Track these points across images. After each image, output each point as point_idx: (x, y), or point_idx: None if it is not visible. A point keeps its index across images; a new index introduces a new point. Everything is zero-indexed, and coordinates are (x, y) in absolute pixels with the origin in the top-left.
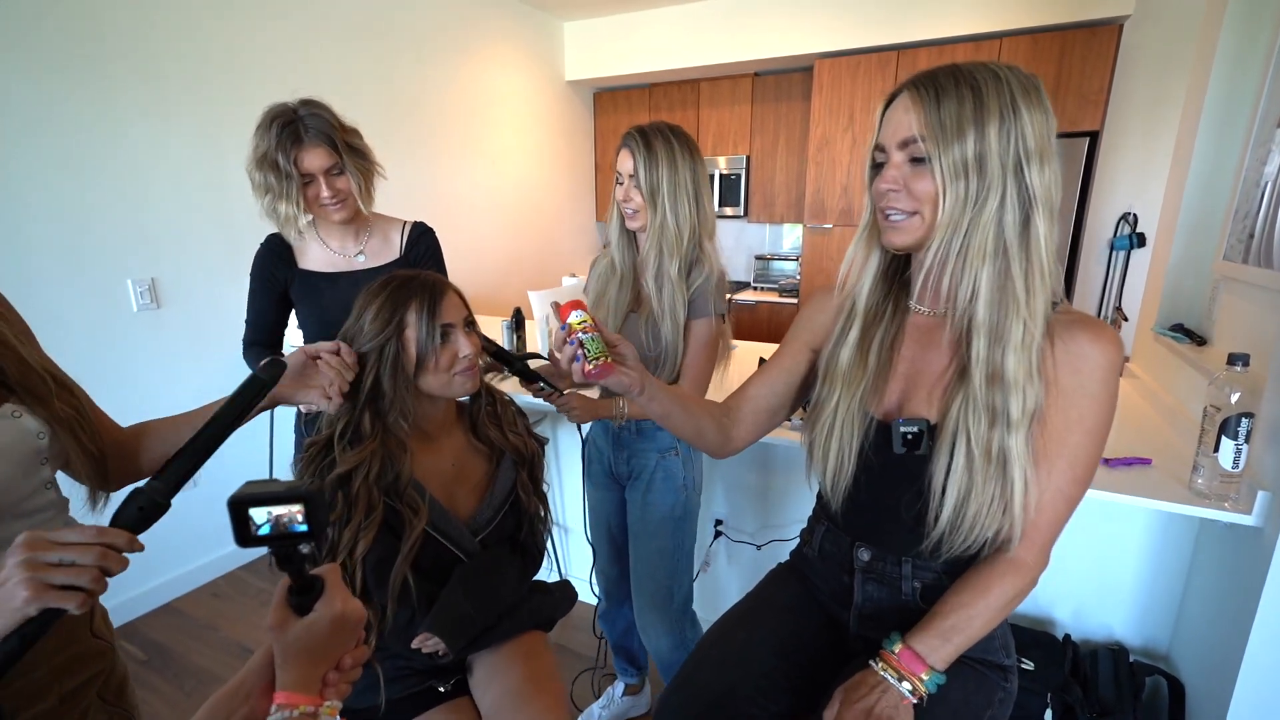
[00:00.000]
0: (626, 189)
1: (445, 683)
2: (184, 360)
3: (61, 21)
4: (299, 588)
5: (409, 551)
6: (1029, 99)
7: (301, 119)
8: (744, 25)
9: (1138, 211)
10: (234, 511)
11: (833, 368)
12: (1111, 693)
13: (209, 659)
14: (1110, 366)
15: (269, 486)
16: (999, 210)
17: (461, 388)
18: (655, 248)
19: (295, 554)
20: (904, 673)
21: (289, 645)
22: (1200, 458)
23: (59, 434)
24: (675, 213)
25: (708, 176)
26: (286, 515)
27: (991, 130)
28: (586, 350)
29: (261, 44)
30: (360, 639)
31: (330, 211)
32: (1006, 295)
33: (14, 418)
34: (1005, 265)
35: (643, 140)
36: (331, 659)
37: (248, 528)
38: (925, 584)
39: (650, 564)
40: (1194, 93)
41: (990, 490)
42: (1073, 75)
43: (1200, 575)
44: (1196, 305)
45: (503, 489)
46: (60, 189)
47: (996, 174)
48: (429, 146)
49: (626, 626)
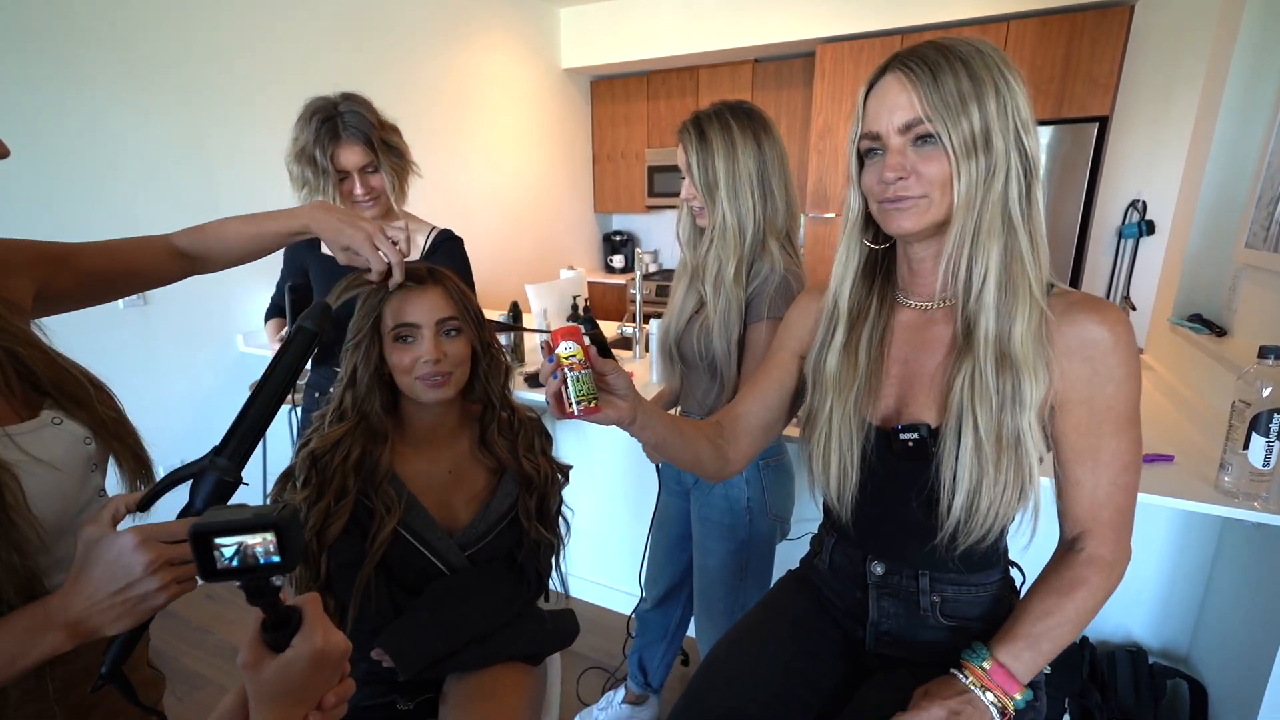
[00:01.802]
0: (686, 185)
1: (410, 700)
2: (171, 358)
3: (40, 14)
4: (274, 622)
5: (376, 550)
6: (1013, 70)
7: (341, 115)
8: (744, 10)
9: (1147, 199)
10: (196, 542)
11: (821, 374)
12: (1131, 696)
13: (202, 663)
14: (1126, 345)
15: (236, 513)
16: (1005, 185)
17: (425, 395)
18: (714, 250)
19: (268, 586)
20: (994, 690)
21: (264, 686)
22: (1228, 455)
23: (103, 439)
24: (736, 208)
25: (782, 160)
26: (257, 544)
27: (991, 104)
28: (572, 388)
29: (250, 36)
30: (344, 673)
31: (363, 208)
32: (1013, 272)
33: (55, 424)
34: (1013, 241)
35: (696, 129)
36: (312, 699)
37: (213, 560)
38: (945, 598)
39: (707, 579)
40: (1214, 74)
41: (1004, 476)
42: (1081, 59)
43: (1224, 575)
44: (1215, 294)
45: (500, 506)
46: (43, 185)
47: (1001, 148)
48: (422, 136)
49: (655, 638)
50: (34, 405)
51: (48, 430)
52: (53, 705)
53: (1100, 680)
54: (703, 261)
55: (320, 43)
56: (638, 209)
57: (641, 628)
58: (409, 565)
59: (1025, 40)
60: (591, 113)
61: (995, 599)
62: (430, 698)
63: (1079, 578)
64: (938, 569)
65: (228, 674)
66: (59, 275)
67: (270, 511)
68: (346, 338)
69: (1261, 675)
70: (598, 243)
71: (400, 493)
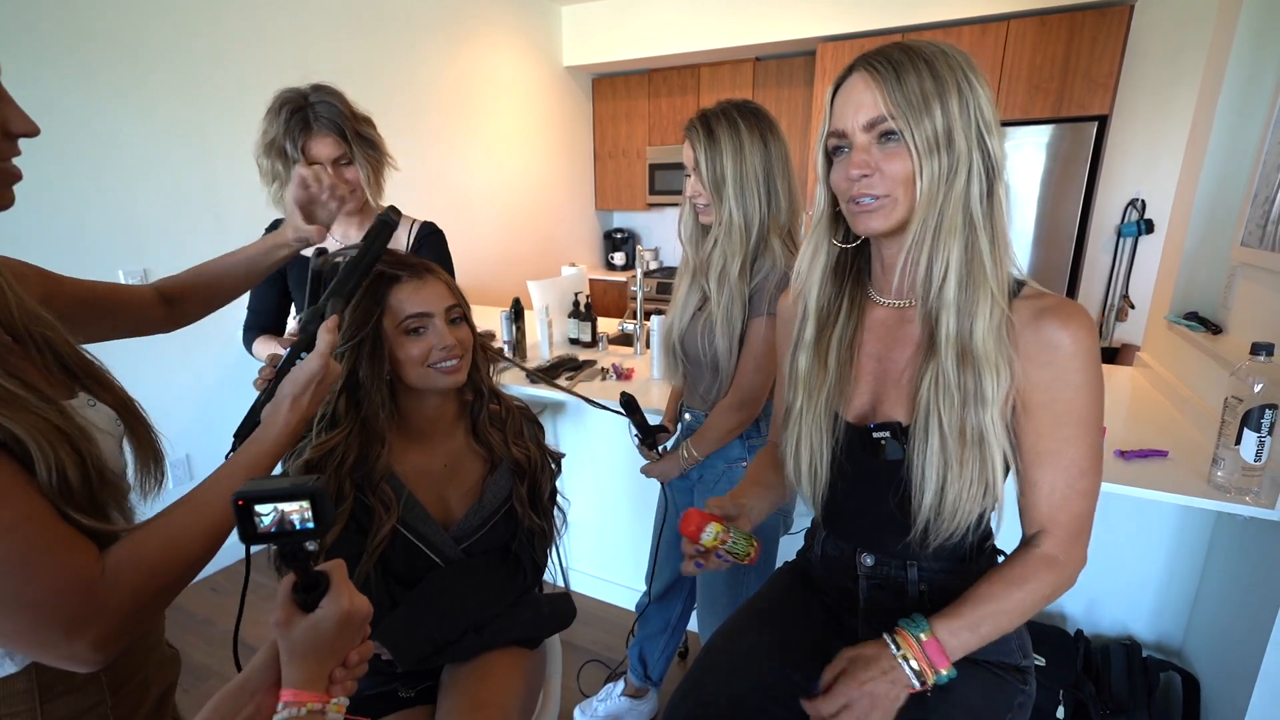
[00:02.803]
0: (692, 183)
1: (411, 688)
2: (175, 353)
3: (47, 13)
4: (305, 584)
5: (375, 548)
6: (975, 72)
7: (312, 106)
8: (745, 9)
9: (1146, 197)
10: (239, 508)
11: (794, 374)
12: (1124, 689)
13: (207, 654)
14: (1087, 351)
15: (275, 483)
16: (967, 184)
17: (441, 382)
18: (720, 247)
19: (301, 551)
20: (921, 662)
21: (295, 643)
22: (1221, 450)
23: (126, 420)
24: (743, 206)
25: (786, 159)
26: (293, 511)
27: (953, 103)
28: (735, 555)
29: (251, 33)
30: (365, 635)
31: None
32: (974, 269)
33: (91, 406)
34: (974, 239)
35: (704, 128)
36: (338, 656)
37: (253, 524)
38: (933, 585)
39: (710, 574)
40: (1211, 74)
41: (968, 473)
42: (1081, 58)
43: (1217, 570)
44: (1212, 292)
45: (495, 498)
46: (49, 181)
47: (963, 147)
48: (423, 134)
49: (656, 631)
50: (69, 386)
51: (88, 409)
52: (99, 674)
53: (1094, 672)
54: (707, 258)
55: (321, 38)
56: (639, 206)
57: (643, 621)
58: (406, 560)
59: (1025, 39)
60: (593, 110)
61: None
62: (430, 685)
63: (1030, 574)
64: (924, 560)
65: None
66: (56, 298)
67: (306, 482)
68: (340, 341)
69: (1252, 668)
70: (599, 240)
71: (399, 491)
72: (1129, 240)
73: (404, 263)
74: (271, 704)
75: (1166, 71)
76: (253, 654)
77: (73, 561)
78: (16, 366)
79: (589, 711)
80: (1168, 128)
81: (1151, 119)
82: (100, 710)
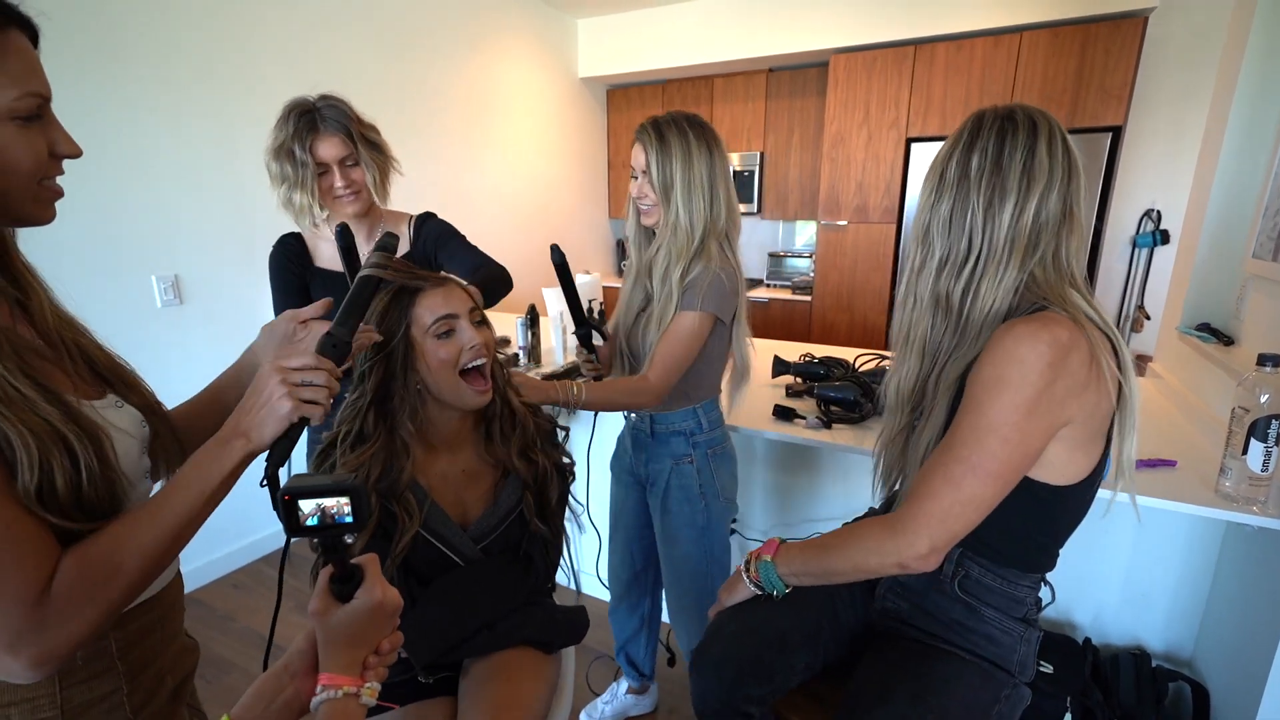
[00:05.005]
0: (640, 184)
1: (430, 676)
2: (205, 355)
3: (81, 21)
4: (341, 576)
5: (398, 553)
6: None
7: (319, 110)
8: (759, 21)
9: (1161, 208)
10: (285, 503)
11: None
12: (1133, 698)
13: (228, 648)
14: (1004, 349)
15: (317, 479)
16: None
17: (473, 401)
18: (665, 247)
19: (340, 544)
20: (754, 554)
21: (332, 630)
22: (1228, 460)
23: (152, 423)
24: (689, 210)
25: (726, 169)
26: (333, 507)
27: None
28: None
29: (275, 42)
30: (396, 625)
31: (344, 203)
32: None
33: (118, 407)
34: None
35: (656, 133)
36: (371, 644)
37: (297, 518)
38: (968, 575)
39: (676, 571)
40: (1223, 85)
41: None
42: (1095, 70)
43: (1226, 580)
44: (1224, 304)
45: (508, 501)
46: (85, 189)
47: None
48: (442, 143)
49: (633, 633)
50: (99, 388)
51: (113, 410)
52: (115, 662)
53: (1103, 680)
54: (651, 259)
55: (342, 53)
56: None
57: (619, 627)
58: (426, 559)
59: (1037, 51)
60: (607, 121)
61: (1014, 599)
62: (450, 676)
63: (866, 528)
64: (972, 549)
65: (253, 659)
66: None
67: (346, 479)
68: (366, 355)
69: (1260, 678)
70: (612, 248)
71: (421, 500)
72: (1144, 250)
73: (421, 274)
74: (310, 687)
75: (1183, 82)
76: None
77: (21, 578)
78: (36, 367)
79: (595, 714)
80: (1184, 138)
81: (1168, 129)
82: (116, 698)
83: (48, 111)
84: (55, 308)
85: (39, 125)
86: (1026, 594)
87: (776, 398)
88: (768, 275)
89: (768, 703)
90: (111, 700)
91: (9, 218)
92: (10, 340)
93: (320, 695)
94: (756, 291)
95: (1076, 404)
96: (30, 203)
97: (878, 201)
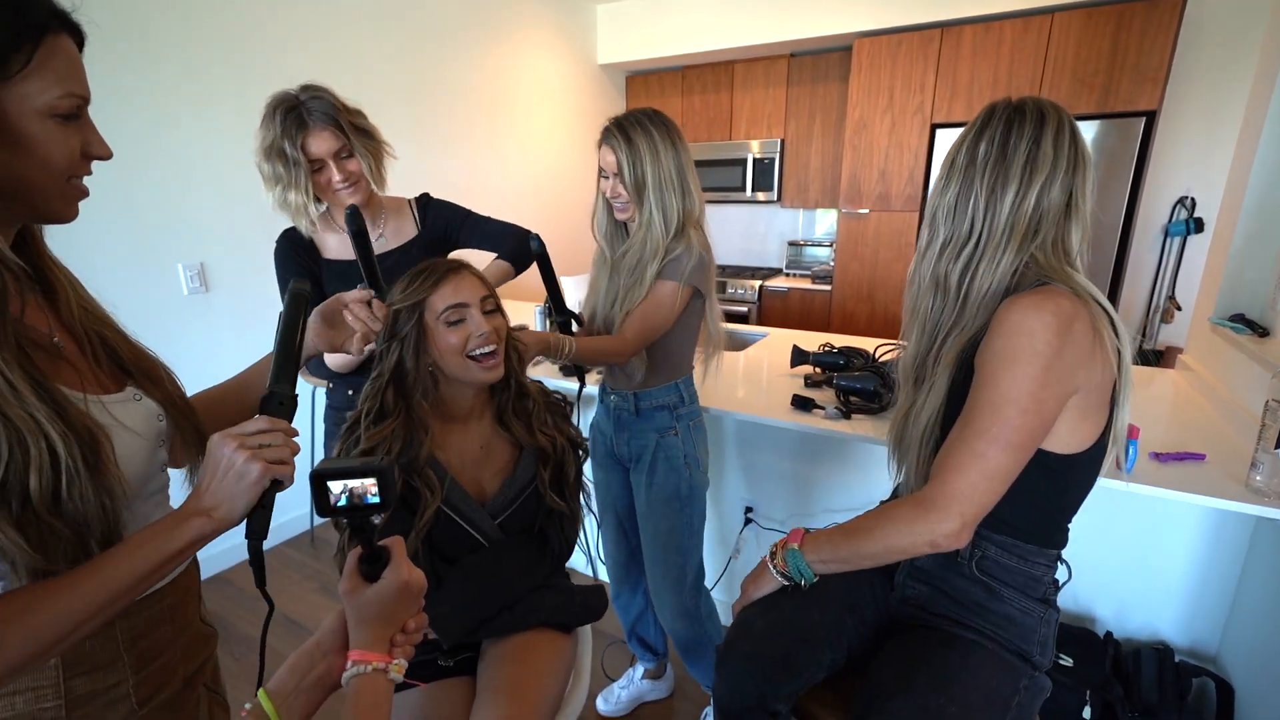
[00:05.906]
0: (613, 185)
1: (450, 658)
2: (229, 341)
3: (117, 25)
4: (369, 556)
5: (421, 527)
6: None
7: (304, 104)
8: (780, 4)
9: (1196, 195)
10: (315, 484)
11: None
12: (1155, 693)
13: (255, 628)
14: (1013, 323)
15: (345, 462)
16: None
17: (481, 377)
18: (640, 244)
19: (367, 524)
20: (780, 543)
21: (361, 609)
22: (1260, 454)
23: (173, 416)
24: (663, 205)
25: (690, 160)
26: (360, 488)
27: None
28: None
29: (298, 34)
30: (421, 605)
31: (344, 196)
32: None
33: (136, 400)
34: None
35: (622, 134)
36: (398, 622)
37: (327, 499)
38: (986, 555)
39: (660, 544)
40: (1265, 68)
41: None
42: (1129, 52)
43: (1256, 575)
44: (1259, 294)
45: (523, 476)
46: (114, 179)
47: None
48: (459, 131)
49: (639, 613)
50: (119, 381)
51: (130, 404)
52: (122, 654)
53: (1124, 675)
54: (624, 253)
55: (361, 41)
56: None
57: (623, 611)
58: (448, 536)
59: (1070, 33)
60: (626, 108)
61: (1032, 578)
62: (469, 657)
63: (896, 509)
64: (987, 526)
65: (279, 637)
66: None
67: (373, 461)
68: (383, 336)
69: None
70: None
71: (441, 476)
72: (1177, 240)
73: (438, 266)
74: (341, 663)
75: (1222, 63)
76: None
77: None
78: (39, 362)
79: (611, 699)
80: (1222, 123)
81: (1205, 113)
82: (121, 689)
83: (85, 113)
84: (82, 300)
85: (75, 125)
86: (1044, 572)
87: (795, 388)
88: (787, 264)
89: (794, 698)
90: (117, 691)
91: (35, 213)
92: (15, 333)
93: (351, 670)
94: (775, 281)
95: (1084, 372)
96: (57, 199)
97: (900, 189)
